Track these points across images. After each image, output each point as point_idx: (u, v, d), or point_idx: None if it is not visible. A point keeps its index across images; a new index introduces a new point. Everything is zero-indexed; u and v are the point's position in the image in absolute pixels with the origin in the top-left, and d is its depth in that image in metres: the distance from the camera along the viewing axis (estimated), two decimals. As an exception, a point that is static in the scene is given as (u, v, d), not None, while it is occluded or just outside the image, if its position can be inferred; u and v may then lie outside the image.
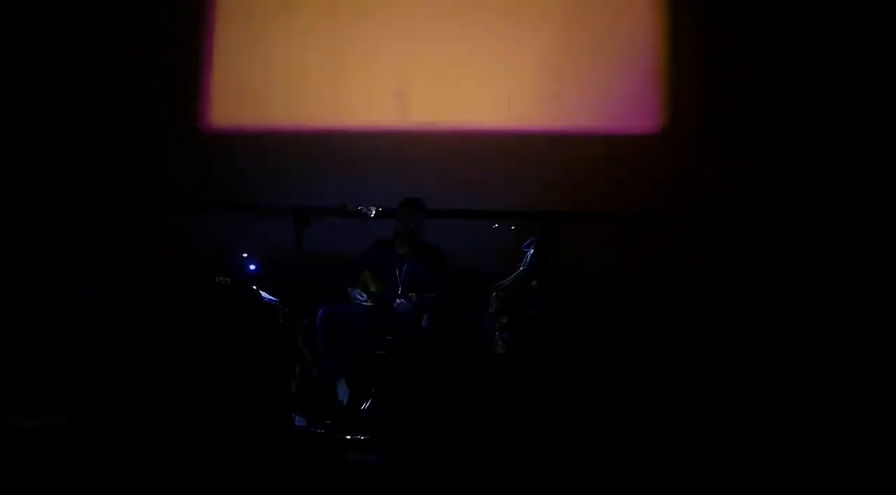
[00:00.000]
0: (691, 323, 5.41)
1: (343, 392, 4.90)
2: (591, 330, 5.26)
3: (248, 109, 6.09)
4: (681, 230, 5.68)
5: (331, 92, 6.02)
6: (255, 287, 4.80)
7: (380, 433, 4.55)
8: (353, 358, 4.95)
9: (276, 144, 6.00)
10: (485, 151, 5.84)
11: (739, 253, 5.59)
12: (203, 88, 6.11)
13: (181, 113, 6.08)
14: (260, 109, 6.08)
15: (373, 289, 5.13)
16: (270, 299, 4.85)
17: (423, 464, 4.22)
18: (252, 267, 4.94)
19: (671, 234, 5.67)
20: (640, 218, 5.73)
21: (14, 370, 4.97)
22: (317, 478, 4.00)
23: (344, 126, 5.99)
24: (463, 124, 5.90)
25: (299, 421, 4.64)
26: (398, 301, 5.00)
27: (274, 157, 5.98)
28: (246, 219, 5.68)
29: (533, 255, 4.94)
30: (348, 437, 4.57)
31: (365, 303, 5.09)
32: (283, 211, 4.91)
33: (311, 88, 6.06)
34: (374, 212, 4.91)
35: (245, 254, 4.92)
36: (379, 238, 5.27)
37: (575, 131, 5.81)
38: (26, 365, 5.04)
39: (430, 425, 4.46)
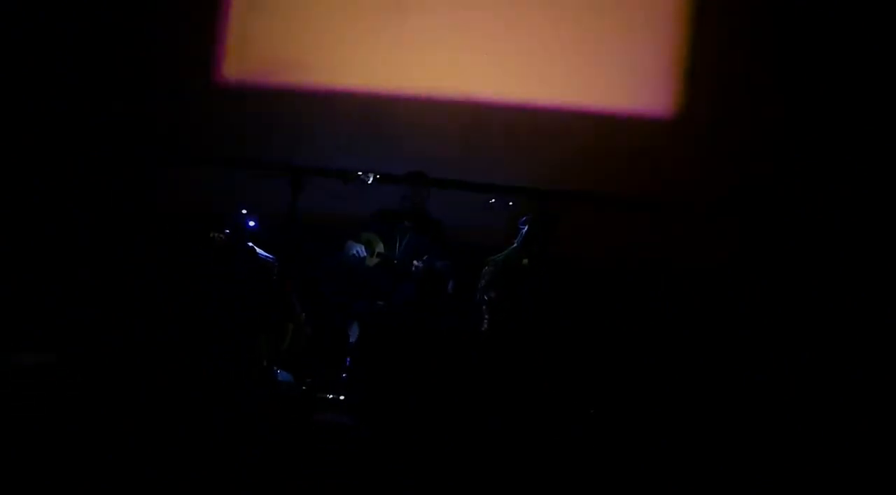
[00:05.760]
0: (689, 314, 5.38)
1: (354, 333, 4.99)
2: (583, 316, 5.22)
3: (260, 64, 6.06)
4: (685, 218, 5.64)
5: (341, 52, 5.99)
6: (250, 244, 4.87)
7: (358, 396, 4.67)
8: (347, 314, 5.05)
9: (281, 102, 5.91)
10: (491, 124, 5.80)
11: (745, 244, 5.54)
12: (216, 40, 6.04)
13: (192, 64, 6.00)
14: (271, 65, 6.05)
15: (377, 249, 5.10)
16: (266, 256, 4.93)
17: (398, 430, 4.32)
18: (251, 223, 5.00)
19: (675, 222, 5.63)
20: (643, 204, 5.69)
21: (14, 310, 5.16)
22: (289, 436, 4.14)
23: (348, 87, 5.92)
24: (470, 95, 5.85)
25: (283, 376, 4.75)
26: (416, 263, 4.99)
27: (279, 115, 5.91)
28: (245, 175, 5.69)
29: (526, 233, 4.96)
30: (329, 396, 4.74)
31: (362, 257, 5.04)
32: (281, 170, 4.99)
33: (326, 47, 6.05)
34: (371, 178, 4.95)
35: (244, 211, 4.97)
36: (383, 209, 5.23)
37: (585, 110, 5.77)
38: (25, 305, 5.23)
39: (410, 395, 4.56)
